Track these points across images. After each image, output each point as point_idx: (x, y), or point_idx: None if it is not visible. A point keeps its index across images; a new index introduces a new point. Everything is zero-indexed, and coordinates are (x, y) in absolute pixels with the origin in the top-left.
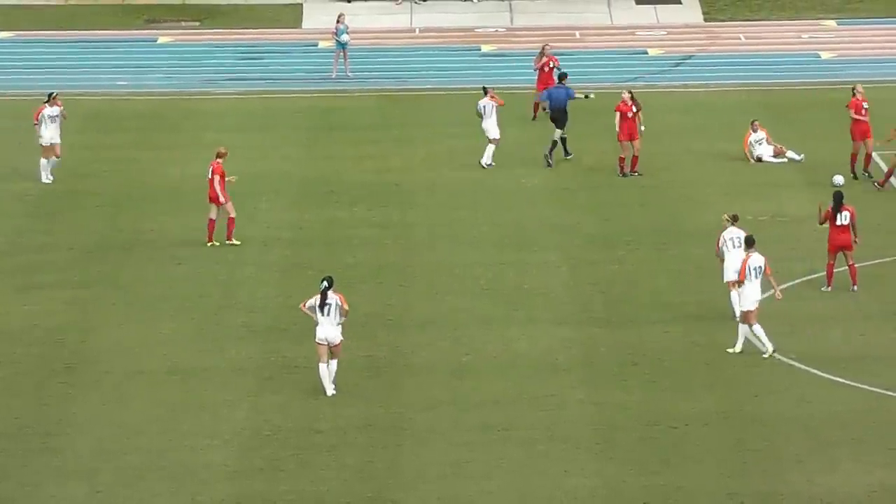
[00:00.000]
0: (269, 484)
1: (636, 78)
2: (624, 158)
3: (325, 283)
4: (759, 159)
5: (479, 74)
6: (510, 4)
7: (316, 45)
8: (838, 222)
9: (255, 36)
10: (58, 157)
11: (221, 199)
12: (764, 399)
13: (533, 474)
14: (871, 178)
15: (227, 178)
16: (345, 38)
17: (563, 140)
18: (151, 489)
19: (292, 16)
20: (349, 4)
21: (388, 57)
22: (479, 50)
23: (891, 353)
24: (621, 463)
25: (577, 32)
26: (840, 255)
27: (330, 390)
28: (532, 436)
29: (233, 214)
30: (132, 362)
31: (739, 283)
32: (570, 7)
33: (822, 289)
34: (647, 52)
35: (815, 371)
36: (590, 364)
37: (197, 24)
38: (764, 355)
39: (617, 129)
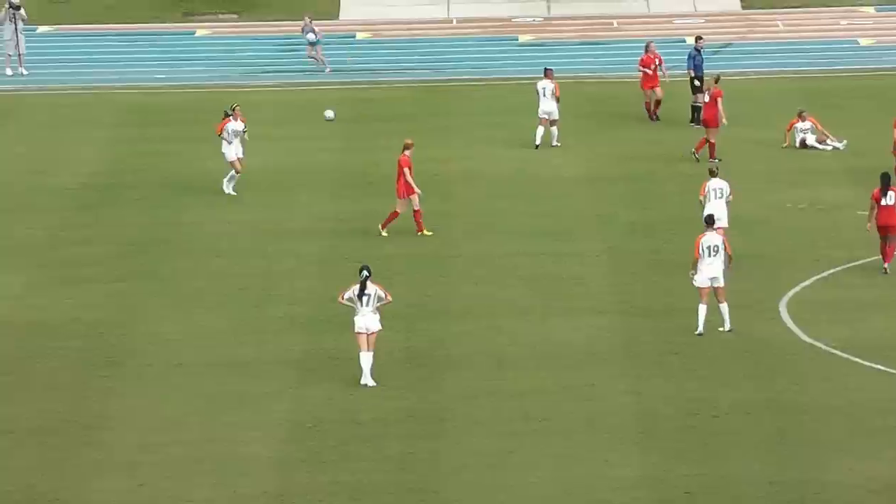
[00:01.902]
0: (311, 475)
1: (674, 66)
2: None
3: (365, 273)
4: (804, 143)
5: (517, 65)
6: None
7: (354, 36)
8: (884, 202)
9: (293, 28)
10: (238, 172)
11: (415, 189)
12: (804, 387)
13: (574, 464)
14: None
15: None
16: (311, 36)
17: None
18: (193, 481)
19: (330, 7)
20: None
21: (425, 47)
22: (517, 40)
23: None
24: (663, 452)
25: (614, 22)
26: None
27: (370, 382)
28: (573, 426)
29: (418, 207)
30: (173, 355)
31: (694, 262)
32: None
33: (881, 271)
34: (685, 41)
35: (857, 359)
36: (630, 353)
37: (234, 16)
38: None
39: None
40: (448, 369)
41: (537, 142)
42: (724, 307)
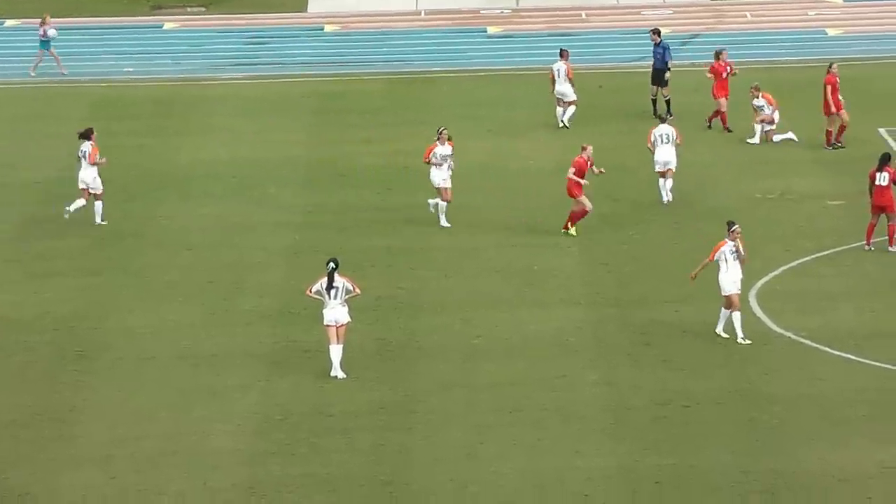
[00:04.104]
0: (282, 468)
1: (643, 58)
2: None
3: (332, 265)
4: (768, 138)
5: (486, 56)
6: None
7: (322, 28)
8: (877, 182)
9: (261, 21)
10: (447, 201)
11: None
12: (775, 377)
13: (546, 455)
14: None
15: (598, 170)
16: (52, 32)
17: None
18: (165, 474)
19: (297, 0)
20: None
21: (394, 40)
22: (486, 32)
23: None
24: (634, 443)
25: (583, 13)
26: (881, 216)
27: (340, 374)
28: (544, 417)
29: (588, 208)
30: (144, 348)
31: (703, 266)
32: None
33: (865, 248)
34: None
35: (826, 349)
36: (602, 344)
37: (203, 9)
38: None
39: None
40: (419, 361)
41: (559, 122)
42: (737, 315)
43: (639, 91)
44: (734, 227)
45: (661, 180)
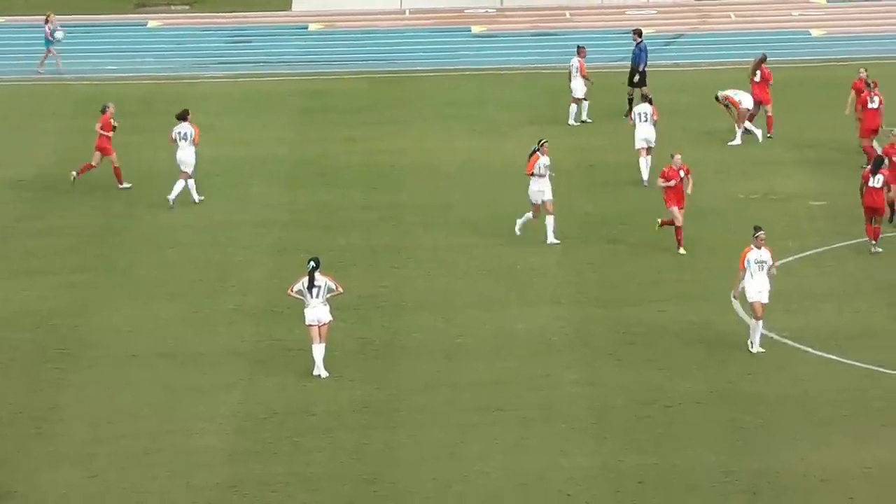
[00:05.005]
0: (265, 466)
1: (626, 57)
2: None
3: (313, 264)
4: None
5: (470, 55)
6: None
7: (306, 27)
8: (871, 183)
9: (245, 19)
10: (536, 217)
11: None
12: (758, 377)
13: (529, 454)
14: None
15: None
16: (59, 34)
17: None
18: (147, 473)
19: None
20: None
21: (378, 39)
22: (470, 31)
23: (884, 330)
24: (617, 442)
25: (567, 13)
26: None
27: (323, 373)
28: (527, 416)
29: (679, 222)
30: (127, 347)
31: (739, 277)
32: None
33: (872, 250)
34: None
35: (809, 349)
36: (585, 344)
37: (187, 7)
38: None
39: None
40: (402, 360)
41: (573, 119)
42: (758, 325)
43: (623, 91)
44: (759, 234)
45: (642, 159)
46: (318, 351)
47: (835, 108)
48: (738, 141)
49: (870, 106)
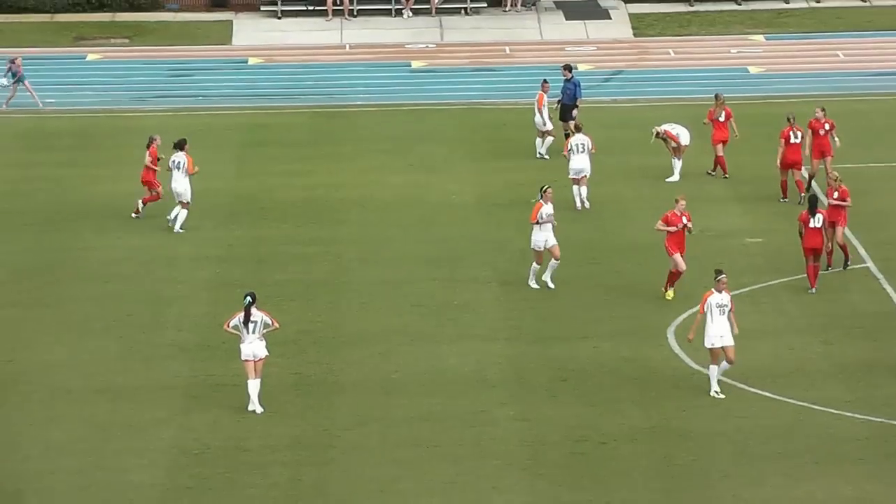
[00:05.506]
0: (198, 502)
1: (556, 96)
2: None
3: (249, 299)
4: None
5: (410, 90)
6: (440, 20)
7: (246, 61)
8: (811, 225)
9: (185, 53)
10: (557, 258)
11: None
12: (691, 414)
13: (463, 491)
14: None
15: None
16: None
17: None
18: None
19: (222, 32)
20: (280, 21)
21: (318, 73)
22: (410, 66)
23: (818, 367)
24: (551, 479)
25: (507, 48)
26: (813, 256)
27: (258, 408)
28: (461, 452)
29: (682, 268)
30: (59, 381)
31: (697, 320)
32: (500, 23)
33: (809, 291)
34: (576, 68)
35: (742, 385)
36: (519, 380)
37: (126, 40)
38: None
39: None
40: (337, 396)
41: (540, 150)
42: (722, 368)
43: (560, 126)
44: (720, 277)
45: (575, 187)
46: (254, 386)
47: (772, 146)
48: (675, 177)
49: (793, 141)
